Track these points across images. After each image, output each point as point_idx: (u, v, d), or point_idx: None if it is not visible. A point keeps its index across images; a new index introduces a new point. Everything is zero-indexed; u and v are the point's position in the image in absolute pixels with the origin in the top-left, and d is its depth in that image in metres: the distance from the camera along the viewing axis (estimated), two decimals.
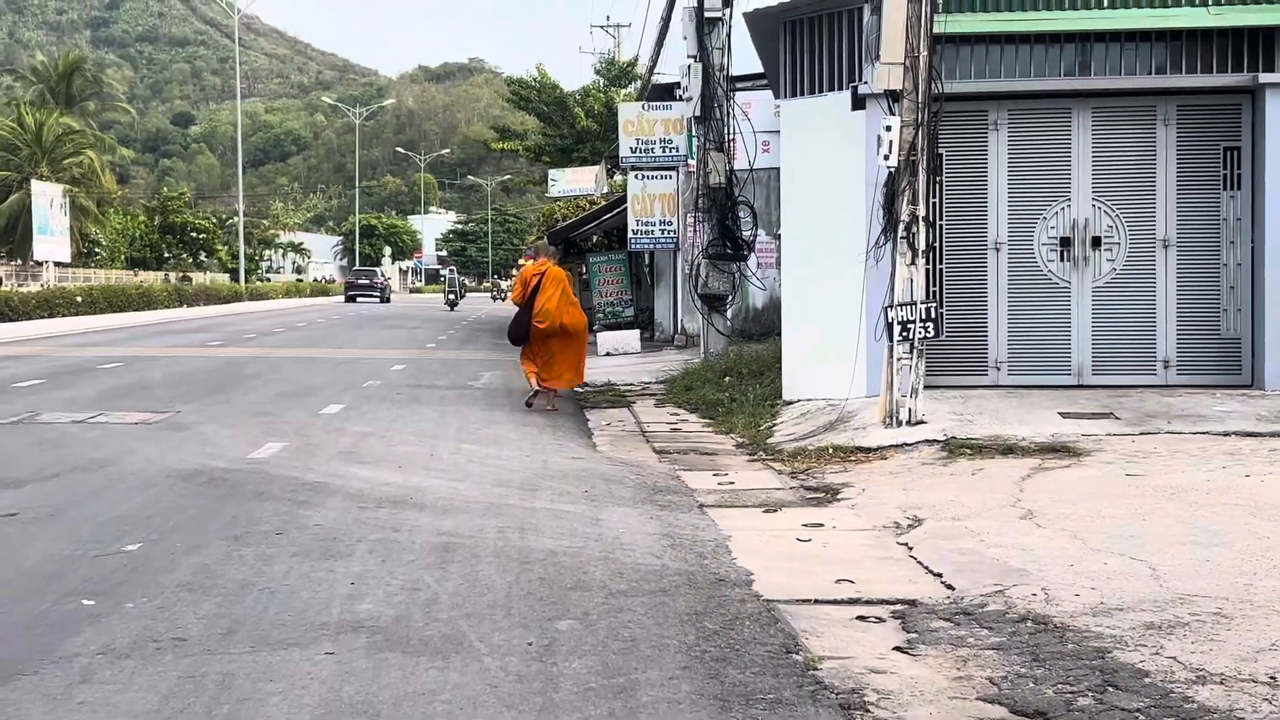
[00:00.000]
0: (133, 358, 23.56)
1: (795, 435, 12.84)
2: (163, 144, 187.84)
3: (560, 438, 13.18)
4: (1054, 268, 13.82)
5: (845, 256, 13.97)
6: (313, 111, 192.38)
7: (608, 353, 26.09)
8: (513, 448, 12.17)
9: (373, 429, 13.23)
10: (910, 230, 11.93)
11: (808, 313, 14.49)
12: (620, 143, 26.49)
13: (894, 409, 11.99)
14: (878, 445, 11.59)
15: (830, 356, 14.12)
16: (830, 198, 14.29)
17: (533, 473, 10.58)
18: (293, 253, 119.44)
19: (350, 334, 34.70)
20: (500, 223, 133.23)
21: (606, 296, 31.90)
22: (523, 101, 45.31)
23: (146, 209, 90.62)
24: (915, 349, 11.96)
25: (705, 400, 16.00)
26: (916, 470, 10.59)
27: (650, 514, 8.97)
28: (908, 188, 11.90)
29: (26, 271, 68.30)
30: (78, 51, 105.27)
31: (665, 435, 13.72)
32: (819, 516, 9.07)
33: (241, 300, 60.70)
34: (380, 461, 10.98)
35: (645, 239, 26.64)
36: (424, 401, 16.20)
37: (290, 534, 7.87)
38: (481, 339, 31.68)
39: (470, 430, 13.37)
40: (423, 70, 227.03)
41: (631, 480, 10.46)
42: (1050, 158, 13.81)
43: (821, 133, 14.43)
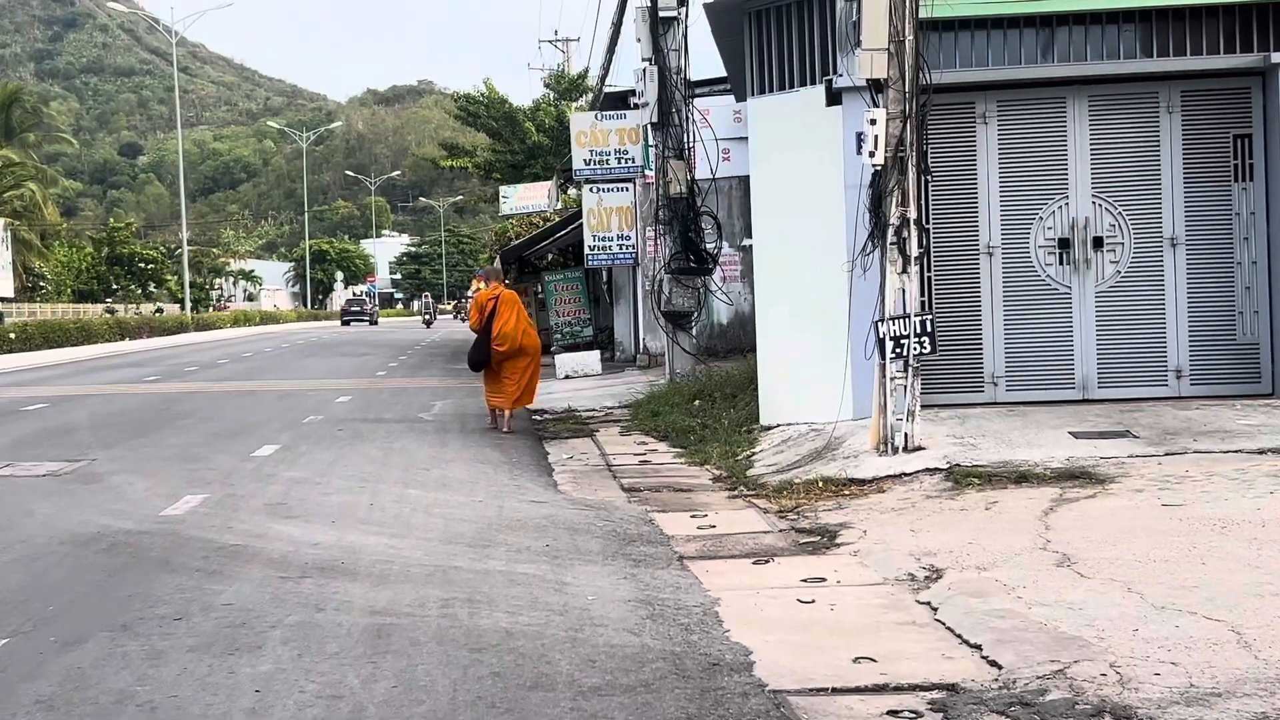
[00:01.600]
0: (60, 397, 22.07)
1: (778, 466, 11.58)
2: (110, 175, 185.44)
3: (517, 476, 11.87)
4: (1053, 272, 12.64)
5: (825, 266, 12.78)
6: (261, 138, 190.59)
7: (566, 375, 24.78)
8: (464, 491, 10.85)
9: (308, 473, 11.88)
10: (900, 235, 10.70)
11: (785, 329, 13.25)
12: (573, 155, 25.23)
13: (888, 434, 10.75)
14: (874, 476, 10.35)
15: (812, 376, 12.89)
16: (805, 203, 13.07)
17: (486, 523, 9.26)
18: (244, 280, 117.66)
19: (298, 364, 33.23)
20: (454, 244, 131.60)
21: (564, 316, 30.59)
22: (471, 118, 43.93)
23: (93, 240, 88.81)
24: (910, 366, 10.73)
25: (675, 427, 14.72)
26: (921, 506, 9.34)
27: (623, 572, 7.68)
28: (896, 187, 10.68)
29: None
30: (16, 82, 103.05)
31: (634, 469, 12.43)
32: (819, 568, 7.80)
33: (188, 331, 58.95)
34: (311, 515, 9.63)
35: (603, 255, 25.34)
36: (368, 438, 14.85)
37: (192, 618, 6.53)
38: (435, 365, 30.31)
39: (417, 471, 12.04)
40: (371, 94, 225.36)
41: (600, 528, 9.16)
42: (1045, 152, 12.64)
43: (793, 132, 13.22)
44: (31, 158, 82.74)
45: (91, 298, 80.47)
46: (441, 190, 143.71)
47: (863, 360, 11.51)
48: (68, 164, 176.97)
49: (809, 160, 13.02)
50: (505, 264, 33.34)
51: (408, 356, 35.72)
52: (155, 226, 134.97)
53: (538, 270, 34.31)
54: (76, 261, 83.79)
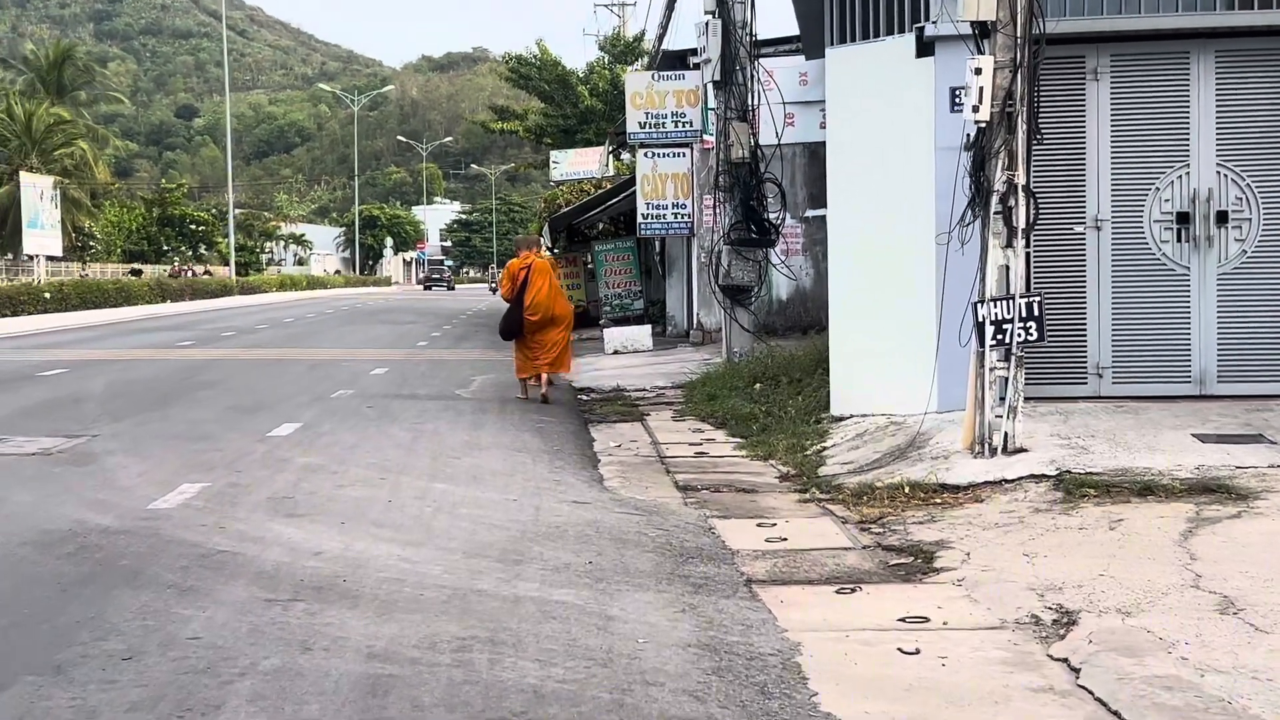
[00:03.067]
0: (83, 362, 20.94)
1: (854, 464, 10.18)
2: (166, 137, 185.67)
3: (558, 468, 10.52)
4: (1169, 250, 11.13)
5: (910, 239, 11.36)
6: (316, 102, 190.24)
7: (615, 350, 23.43)
8: (497, 486, 9.51)
9: (325, 459, 10.59)
10: (1006, 203, 9.26)
11: (862, 309, 11.82)
12: (627, 117, 23.82)
13: (985, 433, 9.33)
14: (970, 482, 8.94)
15: (892, 363, 11.48)
16: (889, 167, 11.63)
17: (519, 529, 7.92)
18: (294, 244, 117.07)
19: (338, 331, 32.07)
20: (505, 212, 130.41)
21: (614, 288, 29.25)
22: (523, 80, 42.48)
23: (145, 201, 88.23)
24: (1013, 355, 9.30)
25: (734, 414, 13.33)
26: (1031, 522, 7.93)
27: (681, 601, 6.33)
28: (1003, 148, 9.23)
29: (19, 266, 65.80)
30: (68, 40, 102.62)
31: (689, 462, 11.06)
32: (918, 602, 6.42)
33: (232, 294, 58.01)
34: (319, 513, 8.33)
35: (656, 224, 23.94)
36: (398, 417, 13.55)
37: (146, 658, 5.24)
38: (478, 336, 29.01)
39: (446, 459, 10.72)
40: (426, 60, 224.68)
41: (652, 539, 7.81)
42: (1164, 114, 11.12)
43: (877, 87, 11.76)
44: (83, 116, 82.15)
45: (141, 258, 79.87)
46: (494, 158, 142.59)
47: (953, 346, 10.10)
48: (124, 125, 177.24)
49: (894, 119, 11.58)
50: (554, 232, 32.03)
51: (451, 326, 34.48)
52: (209, 189, 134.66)
53: (588, 239, 32.95)
54: (127, 222, 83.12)
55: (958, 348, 10.07)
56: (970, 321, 9.50)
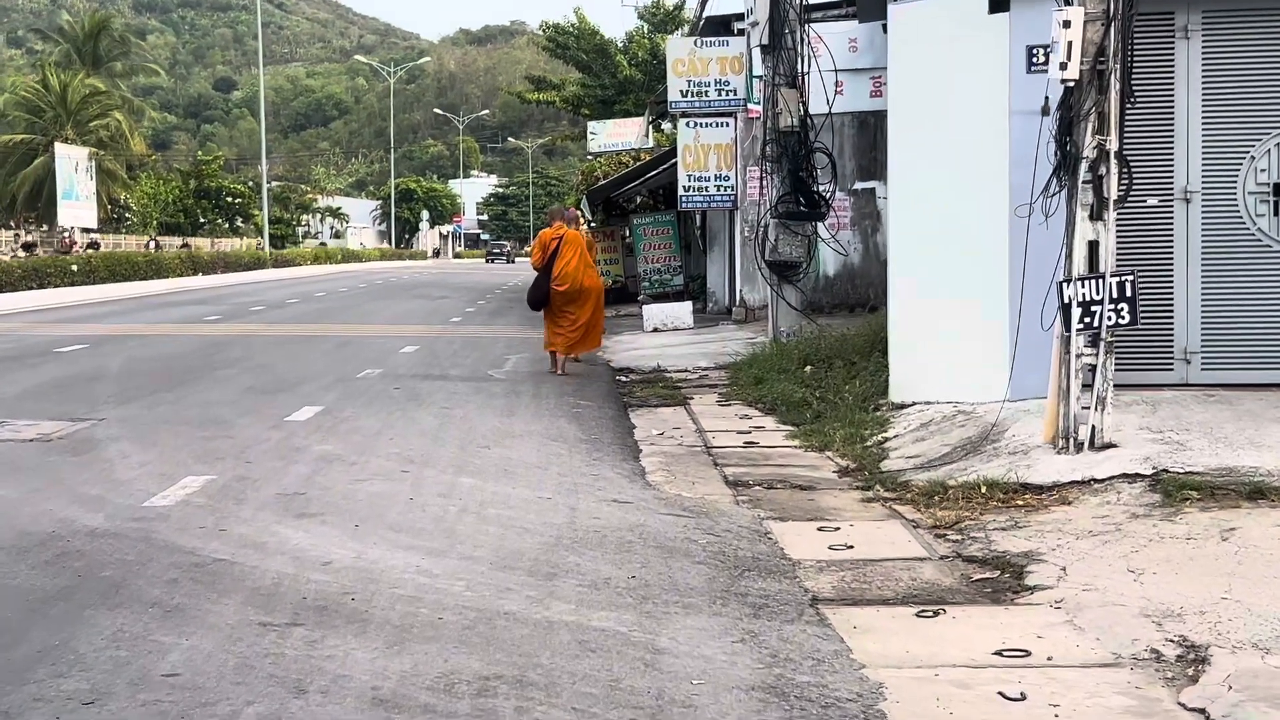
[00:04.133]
0: (105, 338, 20.24)
1: (922, 459, 9.28)
2: (205, 109, 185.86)
3: (596, 460, 9.66)
4: (1265, 224, 10.16)
5: (981, 211, 10.45)
6: (354, 76, 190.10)
7: (655, 328, 22.53)
8: (529, 482, 8.67)
9: (344, 449, 9.77)
10: (1096, 171, 8.32)
11: (926, 287, 10.88)
12: (669, 85, 22.91)
13: (1069, 426, 8.42)
14: (1054, 482, 8.03)
15: (959, 346, 10.56)
16: (957, 134, 10.68)
17: (554, 535, 7.07)
18: (330, 217, 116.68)
19: (370, 306, 31.32)
20: (542, 185, 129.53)
21: (653, 263, 28.31)
22: (560, 49, 41.50)
23: (181, 174, 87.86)
24: (1102, 341, 8.37)
25: (784, 399, 12.43)
26: (1130, 530, 7.02)
27: (739, 628, 5.47)
28: (1093, 110, 8.28)
29: (55, 237, 65.46)
30: (104, 11, 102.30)
31: (738, 454, 10.18)
32: (1014, 630, 5.54)
33: (265, 267, 57.35)
34: (332, 513, 7.51)
35: (698, 197, 23.02)
36: (426, 401, 12.74)
37: (110, 702, 4.42)
38: (514, 312, 28.16)
39: (475, 450, 9.87)
40: (464, 33, 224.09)
41: (702, 546, 6.94)
42: (1261, 77, 10.12)
43: (945, 47, 10.79)
44: (119, 87, 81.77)
45: (178, 230, 79.50)
46: (531, 132, 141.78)
47: (1029, 329, 9.21)
48: (162, 97, 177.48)
49: (964, 81, 10.63)
50: (591, 205, 31.17)
51: (486, 301, 33.67)
52: (246, 161, 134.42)
53: (626, 213, 32.06)
54: (163, 194, 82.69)
55: (1033, 330, 9.18)
56: (1053, 303, 8.57)
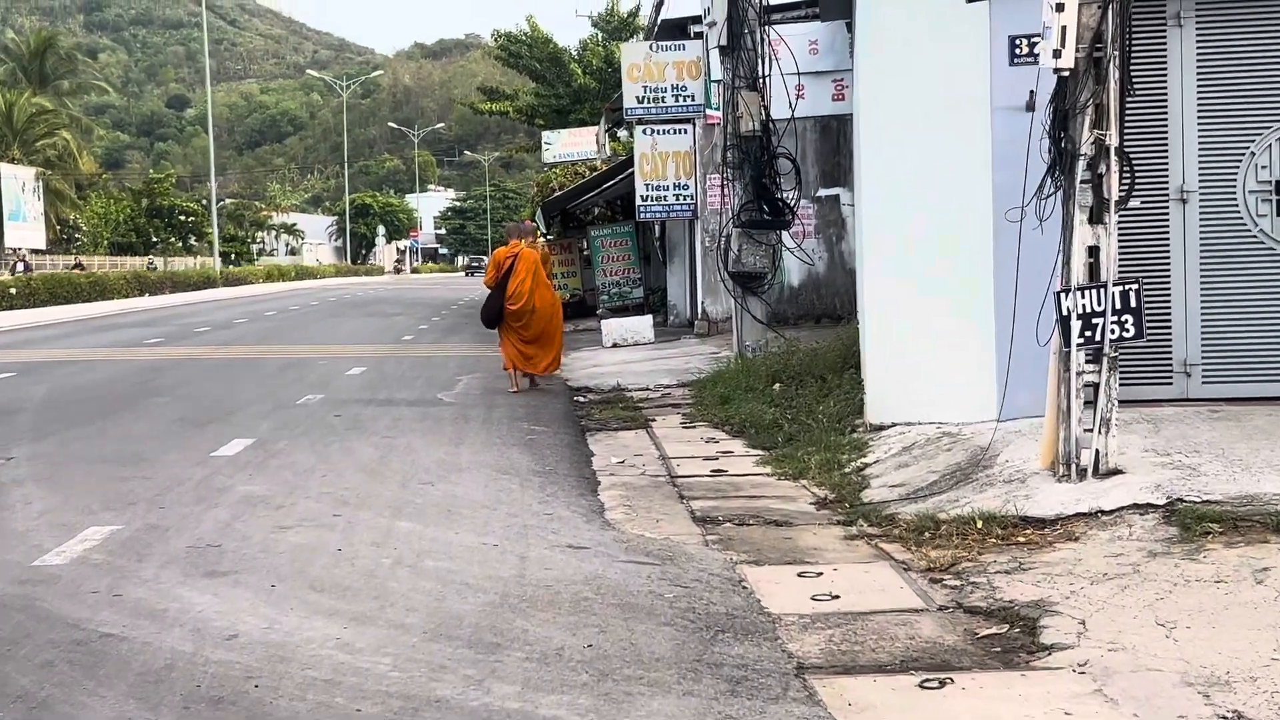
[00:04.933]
0: (36, 364, 19.22)
1: (907, 488, 8.47)
2: (158, 127, 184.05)
3: (550, 496, 8.79)
4: (1268, 225, 9.42)
5: (962, 216, 9.69)
6: (308, 91, 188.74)
7: (614, 344, 21.69)
8: (474, 524, 7.79)
9: (271, 489, 8.87)
10: (1095, 169, 7.54)
11: (903, 298, 10.06)
12: (624, 92, 22.06)
13: (1070, 450, 7.62)
14: (1058, 514, 7.23)
15: (942, 361, 9.78)
16: (935, 133, 9.88)
17: (499, 592, 6.20)
18: (286, 234, 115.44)
19: (320, 325, 30.33)
20: (499, 198, 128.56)
21: (612, 275, 27.51)
22: (513, 59, 40.61)
23: (132, 192, 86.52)
24: (1105, 357, 7.58)
25: (753, 420, 11.62)
26: (1150, 571, 6.22)
27: (714, 712, 4.62)
28: (1090, 102, 7.50)
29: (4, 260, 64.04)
30: (50, 28, 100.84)
31: (706, 484, 9.35)
32: (1035, 704, 4.71)
33: (215, 286, 56.10)
34: (248, 569, 6.62)
35: (656, 206, 22.18)
36: (368, 429, 11.85)
37: None
38: (468, 328, 27.20)
39: (417, 486, 8.99)
40: (419, 47, 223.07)
41: (668, 602, 6.10)
42: (1260, 67, 9.39)
43: (918, 40, 10.00)
44: (67, 106, 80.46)
45: (130, 250, 78.18)
46: (488, 144, 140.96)
47: (1016, 342, 8.45)
48: (115, 116, 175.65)
49: (940, 77, 9.84)
50: (547, 217, 30.29)
51: (440, 318, 32.73)
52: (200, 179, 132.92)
53: (583, 225, 31.22)
54: (114, 213, 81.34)
55: (1022, 344, 8.45)
56: (1047, 315, 7.79)
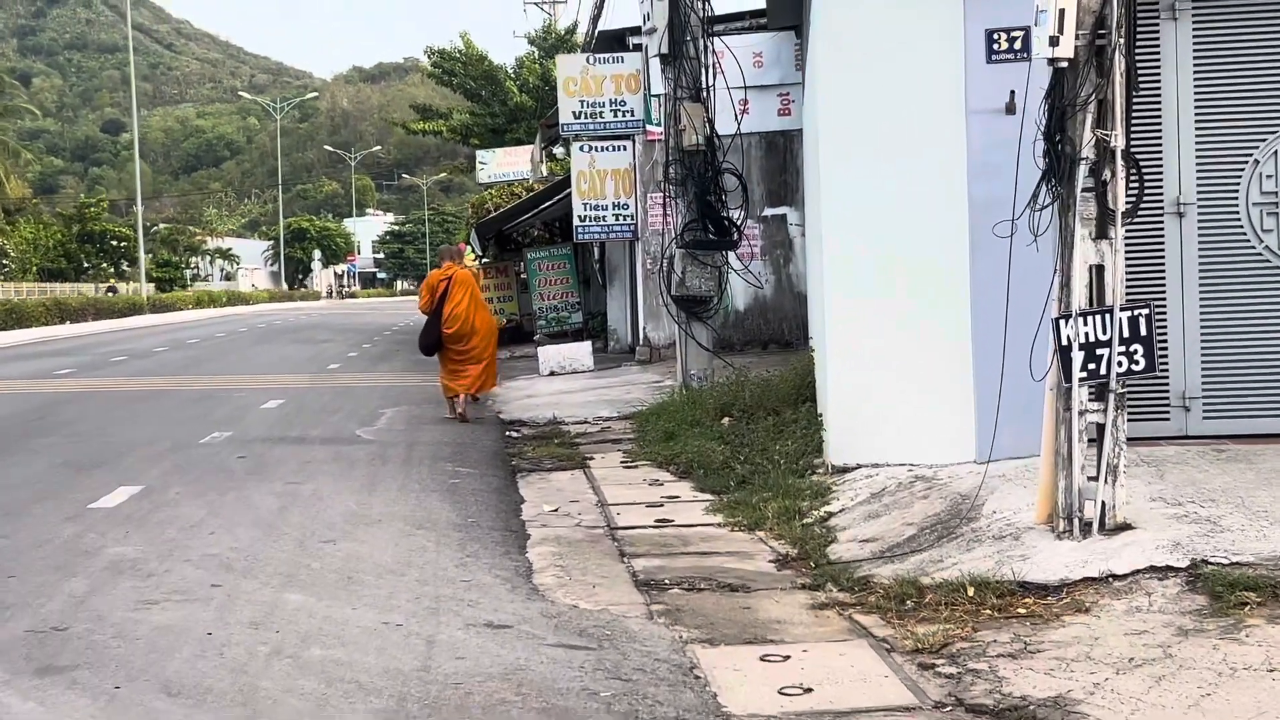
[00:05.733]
0: None
1: (880, 543, 7.38)
2: (93, 152, 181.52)
3: (470, 558, 7.61)
4: (1273, 241, 8.46)
5: (933, 233, 8.65)
6: (245, 115, 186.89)
7: (552, 371, 20.53)
8: (377, 596, 6.61)
9: (148, 548, 7.66)
10: (1099, 176, 6.51)
11: (866, 325, 8.97)
12: (560, 107, 20.94)
13: (1071, 502, 6.57)
14: (1063, 580, 6.16)
15: (913, 395, 8.74)
16: (899, 142, 8.85)
17: (397, 695, 5.03)
18: (221, 259, 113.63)
19: (245, 353, 28.95)
20: (439, 222, 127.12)
21: (549, 300, 26.38)
22: (447, 76, 39.38)
23: (63, 218, 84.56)
24: (1112, 394, 6.54)
25: (701, 460, 10.50)
26: (1185, 655, 5.16)
27: None
28: (1093, 98, 6.48)
29: None
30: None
31: (650, 538, 8.21)
32: None
33: (142, 313, 54.33)
34: (92, 663, 5.42)
35: (595, 227, 21.09)
36: (272, 473, 10.63)
37: None
38: (400, 355, 25.99)
39: (316, 547, 7.79)
40: (357, 71, 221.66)
41: (605, 703, 4.95)
42: (1263, 65, 8.45)
43: (880, 38, 8.97)
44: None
45: (61, 276, 76.20)
46: (427, 168, 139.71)
47: (995, 373, 7.47)
48: (49, 141, 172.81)
49: (905, 78, 8.81)
50: (482, 239, 29.12)
51: (372, 345, 31.41)
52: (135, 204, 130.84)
53: (520, 247, 30.06)
54: (44, 239, 79.34)
55: (999, 375, 7.45)
56: (1047, 345, 6.73)
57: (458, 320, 14.77)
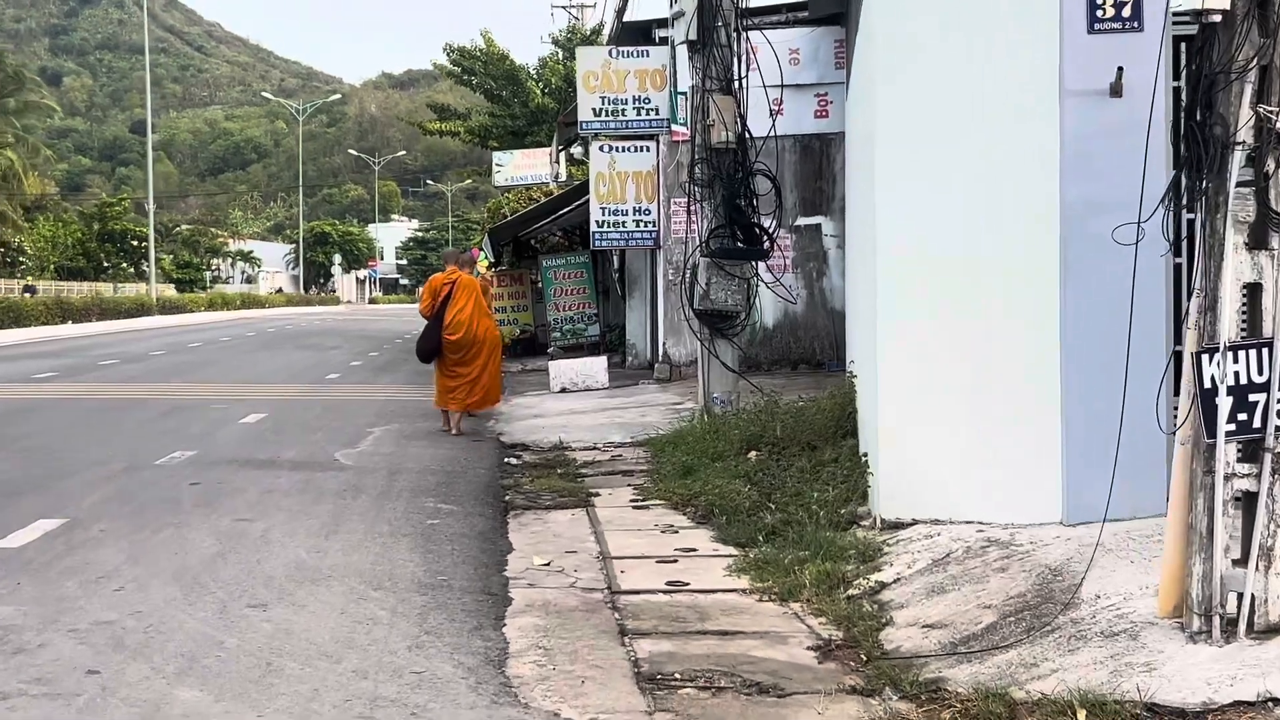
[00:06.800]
0: None
1: (949, 630, 5.81)
2: (121, 152, 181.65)
3: (431, 634, 6.05)
4: None
5: (1014, 240, 7.07)
6: (273, 119, 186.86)
7: (563, 388, 19.00)
8: (296, 699, 5.03)
9: (29, 610, 6.14)
10: (1261, 167, 4.96)
11: (924, 351, 7.41)
12: (579, 103, 19.47)
13: (1212, 594, 5.00)
14: (1206, 704, 4.59)
15: (984, 438, 7.16)
16: (978, 131, 7.29)
17: None
18: (242, 261, 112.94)
19: (243, 359, 27.51)
20: (462, 229, 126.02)
21: (565, 310, 24.85)
22: (466, 74, 37.93)
23: (83, 216, 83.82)
24: (1268, 454, 4.98)
25: (723, 502, 8.95)
26: None
27: None
28: (1255, 62, 4.92)
29: None
30: None
31: (660, 607, 6.65)
32: None
33: (150, 314, 52.99)
34: None
35: (614, 234, 19.59)
36: (222, 506, 9.12)
37: None
38: (405, 366, 24.42)
39: (242, 612, 6.25)
40: (386, 76, 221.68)
41: None
42: None
43: (951, 14, 7.41)
44: (13, 125, 77.47)
45: (80, 275, 75.28)
46: (453, 175, 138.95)
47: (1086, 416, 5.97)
48: (78, 140, 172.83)
49: (987, 54, 7.25)
50: (496, 245, 27.65)
51: (379, 353, 29.92)
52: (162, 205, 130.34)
53: (537, 254, 28.56)
54: (62, 237, 78.47)
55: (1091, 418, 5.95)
56: (1187, 387, 5.17)
57: (460, 327, 14.01)
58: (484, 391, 14.40)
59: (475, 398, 14.27)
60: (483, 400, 14.53)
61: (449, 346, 14.06)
